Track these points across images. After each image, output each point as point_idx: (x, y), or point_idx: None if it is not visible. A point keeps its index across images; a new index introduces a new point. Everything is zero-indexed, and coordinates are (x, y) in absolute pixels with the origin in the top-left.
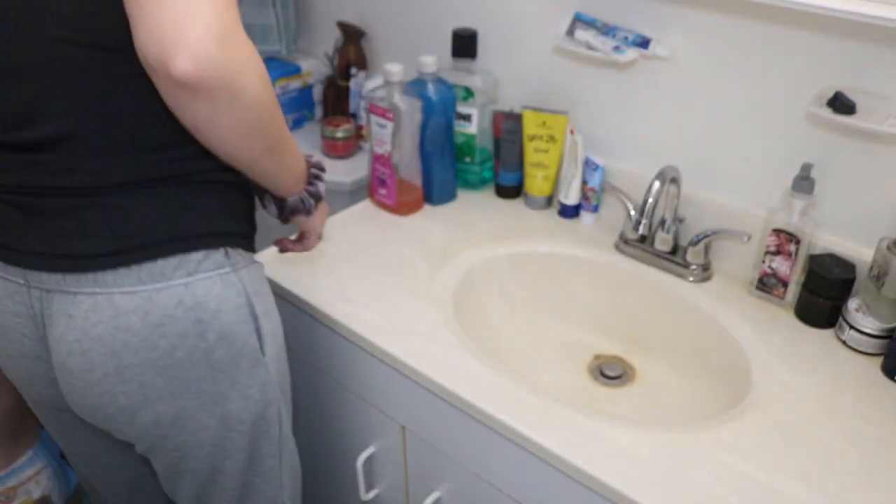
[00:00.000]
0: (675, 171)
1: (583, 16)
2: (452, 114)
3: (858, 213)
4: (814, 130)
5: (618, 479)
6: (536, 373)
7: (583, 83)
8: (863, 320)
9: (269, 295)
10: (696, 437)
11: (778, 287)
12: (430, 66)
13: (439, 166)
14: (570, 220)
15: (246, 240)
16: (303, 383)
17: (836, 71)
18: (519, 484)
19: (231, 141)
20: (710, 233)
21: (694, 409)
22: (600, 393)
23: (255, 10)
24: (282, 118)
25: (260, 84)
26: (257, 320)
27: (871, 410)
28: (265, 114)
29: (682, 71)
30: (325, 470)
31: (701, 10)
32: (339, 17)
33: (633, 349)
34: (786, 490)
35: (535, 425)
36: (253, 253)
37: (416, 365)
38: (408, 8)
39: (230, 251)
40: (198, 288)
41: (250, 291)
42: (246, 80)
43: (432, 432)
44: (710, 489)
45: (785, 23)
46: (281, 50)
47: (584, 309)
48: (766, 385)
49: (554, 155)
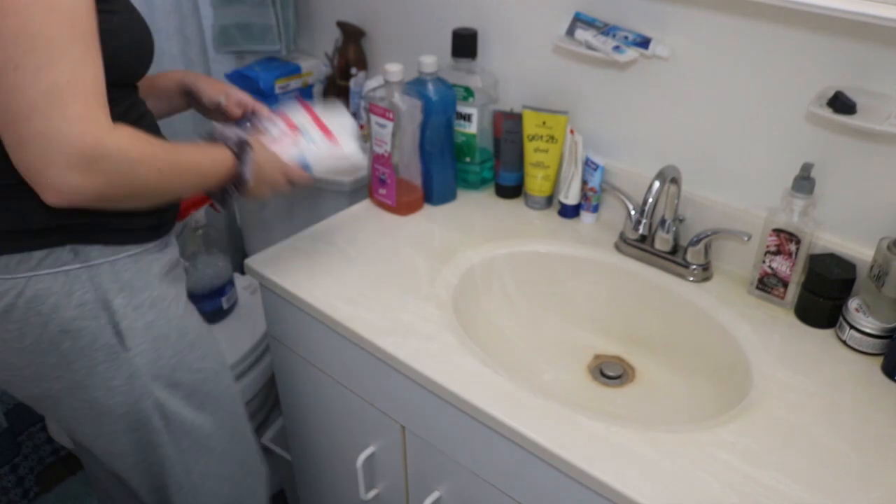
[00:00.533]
0: (676, 170)
1: (583, 15)
2: (452, 114)
3: (859, 212)
4: (814, 130)
5: (618, 479)
6: (536, 373)
7: (583, 83)
8: (863, 320)
9: (147, 289)
10: (697, 437)
11: (778, 287)
12: (430, 66)
13: (439, 166)
14: (570, 219)
15: (111, 233)
16: (303, 383)
17: (837, 71)
18: (519, 484)
19: (133, 205)
20: (710, 232)
21: (694, 409)
22: (600, 393)
23: (254, 10)
24: (174, 155)
25: (140, 168)
26: (114, 315)
27: (871, 410)
28: (154, 183)
29: (683, 71)
30: (325, 470)
31: (701, 9)
32: (339, 17)
33: (633, 349)
34: (786, 490)
35: (535, 425)
36: (131, 245)
37: (416, 365)
38: (408, 8)
39: (81, 248)
40: (39, 283)
41: (108, 287)
42: (121, 178)
43: (432, 432)
44: (710, 489)
45: (785, 22)
46: (281, 50)
47: (585, 309)
48: (766, 385)
49: (554, 155)
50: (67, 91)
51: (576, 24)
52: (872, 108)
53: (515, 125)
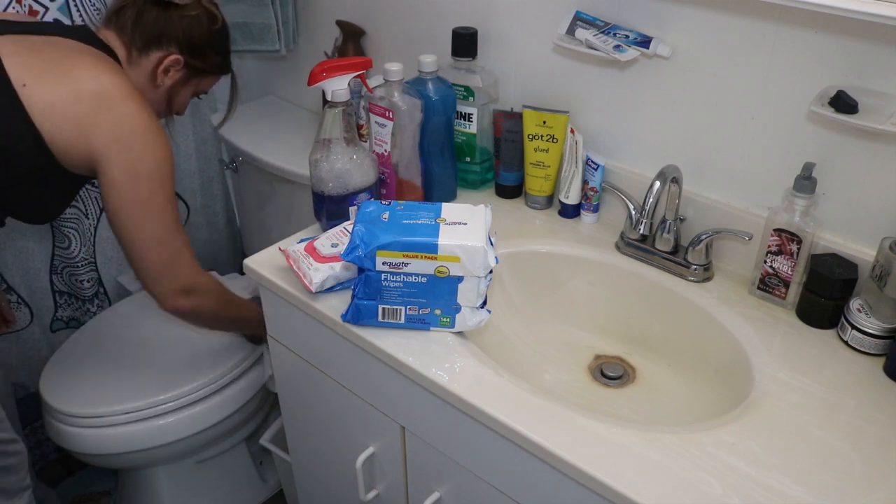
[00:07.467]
0: (677, 170)
1: (583, 14)
2: (452, 113)
3: (860, 212)
4: (816, 130)
5: (618, 480)
6: (537, 373)
7: (583, 82)
8: (865, 320)
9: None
10: (697, 437)
11: (779, 287)
12: (430, 66)
13: (439, 166)
14: (570, 219)
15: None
16: (303, 383)
17: (839, 70)
18: (519, 484)
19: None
20: (711, 232)
21: (695, 410)
22: (601, 393)
23: (254, 9)
24: (233, 307)
25: (217, 306)
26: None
27: (872, 411)
28: (224, 319)
29: (684, 70)
30: (325, 470)
31: (702, 8)
32: (338, 16)
33: (634, 349)
34: (787, 491)
35: (535, 426)
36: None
37: (416, 365)
38: (408, 7)
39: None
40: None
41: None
42: (205, 303)
43: (432, 432)
44: (710, 490)
45: (787, 21)
46: (280, 49)
47: (585, 309)
48: (768, 385)
49: (554, 154)
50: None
51: (576, 23)
52: (874, 108)
53: (516, 125)
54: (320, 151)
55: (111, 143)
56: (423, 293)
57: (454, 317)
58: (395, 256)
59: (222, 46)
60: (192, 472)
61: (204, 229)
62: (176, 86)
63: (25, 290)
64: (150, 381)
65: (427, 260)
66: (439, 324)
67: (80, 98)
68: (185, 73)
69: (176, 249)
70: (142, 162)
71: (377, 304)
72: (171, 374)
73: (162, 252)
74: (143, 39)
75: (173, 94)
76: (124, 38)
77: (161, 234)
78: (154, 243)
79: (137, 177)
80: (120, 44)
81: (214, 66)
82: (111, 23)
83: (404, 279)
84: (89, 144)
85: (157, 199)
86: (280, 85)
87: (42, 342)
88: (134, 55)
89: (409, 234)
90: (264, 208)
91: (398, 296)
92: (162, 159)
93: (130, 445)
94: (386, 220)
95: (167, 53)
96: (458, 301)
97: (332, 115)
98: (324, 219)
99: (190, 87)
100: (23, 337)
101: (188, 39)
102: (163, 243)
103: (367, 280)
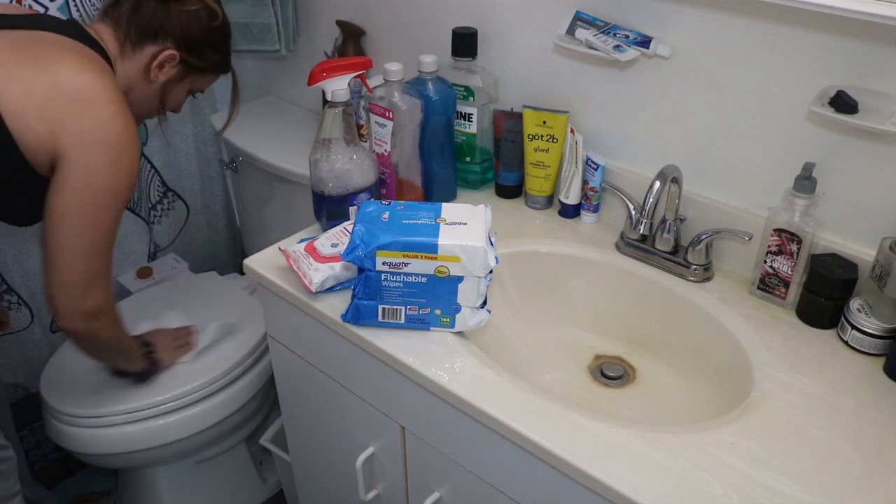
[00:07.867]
0: (677, 170)
1: (583, 14)
2: (452, 113)
3: (860, 212)
4: (816, 130)
5: (618, 480)
6: (537, 373)
7: (583, 82)
8: (865, 320)
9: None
10: (697, 437)
11: (779, 287)
12: (430, 66)
13: (439, 166)
14: (570, 219)
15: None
16: (302, 383)
17: (839, 70)
18: (519, 484)
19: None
20: (711, 232)
21: (695, 410)
22: (601, 394)
23: (254, 9)
24: (124, 342)
25: (112, 338)
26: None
27: (872, 411)
28: (114, 350)
29: (684, 70)
30: (325, 470)
31: (702, 8)
32: (338, 16)
33: (634, 350)
34: (787, 491)
35: (535, 426)
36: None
37: (416, 365)
38: (408, 6)
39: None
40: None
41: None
42: (103, 331)
43: (432, 432)
44: (710, 490)
45: (787, 21)
46: (280, 49)
47: (585, 309)
48: (768, 385)
49: (554, 154)
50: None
51: (576, 23)
52: (874, 108)
53: (516, 125)
54: (320, 151)
55: (77, 146)
56: (423, 293)
57: (454, 317)
58: (395, 256)
59: (221, 44)
60: (192, 472)
61: (204, 229)
62: (170, 82)
63: (26, 290)
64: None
65: (427, 260)
66: (439, 324)
67: (56, 95)
68: (181, 69)
69: (99, 272)
70: (100, 175)
71: (377, 304)
72: (171, 374)
73: (86, 270)
74: (139, 33)
75: (167, 90)
76: (119, 31)
77: (91, 252)
78: (80, 259)
79: (91, 188)
80: (113, 38)
81: (212, 65)
82: (107, 15)
83: (404, 279)
84: (56, 144)
85: (102, 216)
86: (280, 85)
87: (42, 342)
88: (127, 49)
89: (409, 234)
90: (264, 208)
91: (398, 296)
92: (121, 176)
93: (130, 445)
94: (386, 220)
95: (162, 48)
96: (458, 301)
97: (332, 115)
98: (324, 219)
99: (185, 85)
100: (23, 337)
101: (185, 35)
102: (89, 261)
103: (367, 280)
